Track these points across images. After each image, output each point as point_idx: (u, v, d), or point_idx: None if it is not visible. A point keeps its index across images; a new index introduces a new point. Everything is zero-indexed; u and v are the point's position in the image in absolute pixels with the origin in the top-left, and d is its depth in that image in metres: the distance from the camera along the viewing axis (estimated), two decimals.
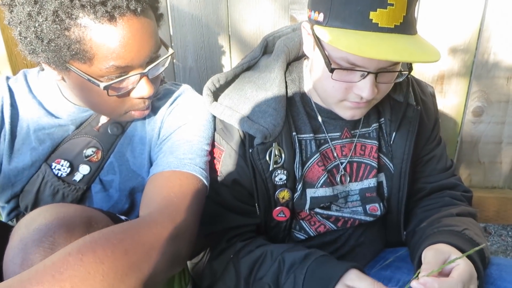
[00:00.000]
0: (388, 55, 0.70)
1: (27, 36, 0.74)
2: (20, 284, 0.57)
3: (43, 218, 0.67)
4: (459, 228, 0.84)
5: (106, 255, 0.62)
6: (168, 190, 0.79)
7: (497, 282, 0.79)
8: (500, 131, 1.35)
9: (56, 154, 0.92)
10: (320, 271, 0.78)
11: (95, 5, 0.70)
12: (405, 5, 0.73)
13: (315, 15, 0.80)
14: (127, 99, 0.83)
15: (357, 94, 0.82)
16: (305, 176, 0.96)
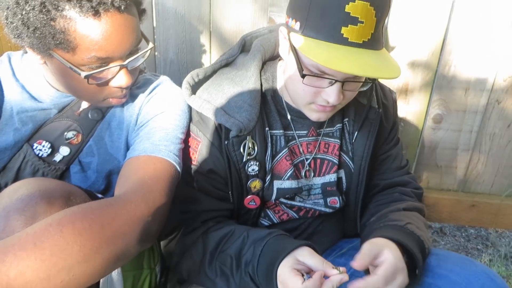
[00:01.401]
0: (353, 70, 0.78)
1: (14, 22, 0.78)
2: (4, 249, 0.62)
3: (25, 189, 0.72)
4: (402, 222, 0.92)
5: (84, 228, 0.68)
6: (143, 173, 0.85)
7: (435, 269, 0.88)
8: (457, 138, 1.45)
9: (38, 135, 0.95)
10: (276, 244, 0.84)
11: (81, 1, 0.75)
12: (374, 24, 0.81)
13: (292, 22, 0.87)
14: (106, 88, 0.88)
15: (324, 99, 0.89)
16: (273, 169, 1.03)
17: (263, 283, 0.82)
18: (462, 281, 0.83)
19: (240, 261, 0.88)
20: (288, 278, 0.76)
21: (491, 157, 1.46)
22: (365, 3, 0.78)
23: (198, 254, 0.96)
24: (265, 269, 0.82)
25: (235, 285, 0.89)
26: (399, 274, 0.80)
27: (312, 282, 0.73)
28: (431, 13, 1.27)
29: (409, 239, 0.87)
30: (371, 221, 1.01)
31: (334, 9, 0.79)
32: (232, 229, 0.95)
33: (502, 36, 1.29)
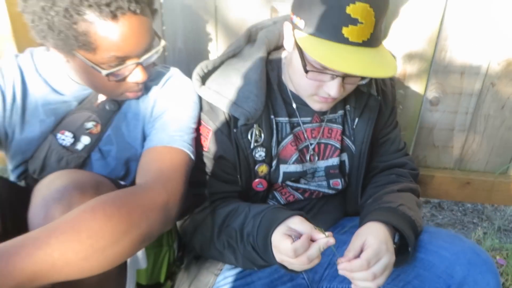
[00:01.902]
0: (352, 70, 0.83)
1: (40, 25, 0.84)
2: (47, 233, 0.71)
3: (61, 181, 0.80)
4: (395, 204, 0.99)
5: (113, 214, 0.76)
6: (161, 163, 0.93)
7: (427, 245, 0.96)
8: (453, 119, 1.51)
9: (61, 126, 1.03)
10: (271, 215, 0.91)
11: (100, 5, 0.81)
12: (373, 24, 0.86)
13: (296, 19, 0.92)
14: (123, 83, 0.95)
15: (326, 91, 0.95)
16: (279, 154, 1.11)
17: (262, 250, 0.90)
18: (451, 256, 0.92)
19: (243, 233, 0.95)
20: (280, 242, 0.83)
21: (485, 137, 1.53)
22: (365, 4, 0.84)
23: (207, 229, 1.04)
24: (262, 238, 0.89)
25: (240, 255, 0.98)
26: (384, 255, 0.87)
27: (300, 243, 0.79)
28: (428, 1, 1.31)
29: (400, 220, 0.95)
30: (368, 202, 1.09)
31: (335, 10, 0.84)
32: (236, 206, 1.03)
33: (496, 22, 1.33)
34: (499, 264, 1.58)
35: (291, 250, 0.78)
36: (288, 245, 0.79)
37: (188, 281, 1.17)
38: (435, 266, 0.94)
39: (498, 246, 1.66)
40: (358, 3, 0.84)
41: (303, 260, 0.78)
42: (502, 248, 1.64)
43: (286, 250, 0.79)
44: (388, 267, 0.88)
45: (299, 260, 0.78)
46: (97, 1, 0.80)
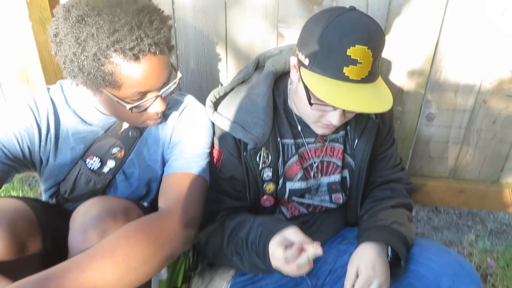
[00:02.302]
0: (352, 107, 0.94)
1: (71, 67, 0.93)
2: (89, 258, 0.83)
3: (96, 209, 0.92)
4: (388, 222, 1.11)
5: (143, 239, 0.88)
6: (181, 189, 1.04)
7: (417, 258, 1.08)
8: (447, 133, 1.61)
9: (89, 152, 1.14)
10: (271, 226, 1.02)
11: (124, 50, 0.90)
12: (371, 64, 0.96)
13: (302, 57, 1.02)
14: (145, 113, 1.04)
15: (328, 120, 1.06)
16: (285, 172, 1.22)
17: (262, 257, 1.01)
18: (438, 268, 1.04)
19: (248, 242, 1.07)
20: (274, 250, 0.95)
21: (478, 149, 1.63)
22: (364, 47, 0.94)
23: (218, 239, 1.15)
24: (262, 246, 1.01)
25: (246, 261, 1.09)
26: (374, 280, 1.01)
27: (291, 252, 0.91)
28: (424, 25, 1.41)
29: (393, 237, 1.06)
30: (364, 218, 1.20)
31: (337, 52, 0.94)
32: (243, 218, 1.14)
33: (488, 45, 1.43)
34: (489, 265, 1.69)
35: (282, 259, 0.90)
36: (280, 253, 0.91)
37: (202, 286, 1.29)
38: (424, 277, 1.06)
39: (490, 249, 1.77)
40: (357, 46, 0.94)
41: (293, 267, 0.90)
42: (493, 251, 1.75)
43: (278, 258, 0.92)
44: (382, 285, 1.01)
45: (289, 267, 0.91)
46: (122, 46, 0.89)
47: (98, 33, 0.87)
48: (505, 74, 1.47)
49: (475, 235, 1.83)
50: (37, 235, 0.99)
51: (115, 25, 0.87)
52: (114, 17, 0.88)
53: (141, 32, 0.89)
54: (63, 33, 0.89)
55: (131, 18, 0.89)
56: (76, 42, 0.88)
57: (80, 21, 0.88)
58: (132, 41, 0.89)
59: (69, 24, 0.88)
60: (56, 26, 0.92)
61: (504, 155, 1.64)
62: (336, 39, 0.94)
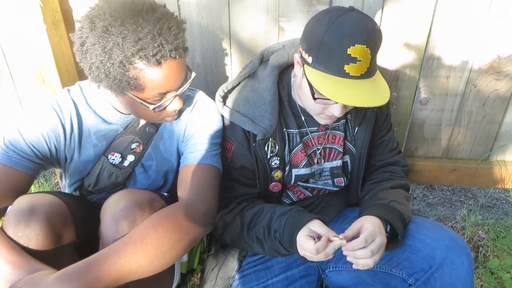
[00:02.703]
0: (352, 102, 1.03)
1: (97, 72, 1.01)
2: (124, 246, 0.93)
3: (124, 201, 1.02)
4: (387, 200, 1.20)
5: (169, 227, 0.98)
6: (197, 179, 1.13)
7: (414, 234, 1.19)
8: (440, 116, 1.71)
9: (111, 148, 1.23)
10: (296, 217, 1.13)
11: (148, 56, 0.98)
12: (369, 61, 1.04)
13: (305, 55, 1.10)
14: (164, 111, 1.13)
15: (331, 112, 1.15)
16: (291, 160, 1.32)
17: (287, 245, 1.12)
18: (433, 242, 1.15)
19: (270, 230, 1.17)
20: (304, 242, 1.06)
21: (469, 130, 1.74)
22: (363, 46, 1.02)
23: (237, 227, 1.26)
24: (288, 236, 1.11)
25: (268, 246, 1.20)
26: (378, 236, 1.08)
27: (320, 243, 1.02)
28: (417, 15, 1.49)
29: (391, 214, 1.16)
30: (365, 199, 1.31)
31: (339, 52, 1.03)
32: (262, 207, 1.24)
33: (477, 33, 1.51)
34: (481, 237, 1.82)
35: (314, 249, 1.01)
36: (311, 245, 1.02)
37: (217, 266, 1.40)
38: (420, 250, 1.17)
39: (481, 222, 1.90)
40: (357, 45, 1.02)
41: (321, 256, 1.02)
42: (484, 224, 1.88)
43: (309, 249, 1.02)
44: (382, 246, 1.09)
45: (318, 256, 1.02)
46: (146, 53, 0.97)
47: (124, 42, 0.95)
48: (493, 59, 1.56)
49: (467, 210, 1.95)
50: (70, 226, 1.09)
51: (139, 34, 0.95)
52: (137, 26, 0.96)
53: (162, 39, 0.97)
54: (90, 43, 0.97)
55: (153, 27, 0.97)
56: (103, 51, 0.96)
57: (106, 31, 0.95)
58: (155, 48, 0.97)
59: (95, 35, 0.96)
60: (80, 36, 0.99)
61: (493, 135, 1.75)
62: (337, 39, 1.02)
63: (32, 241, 0.99)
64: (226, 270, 1.38)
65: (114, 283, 0.91)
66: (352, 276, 1.33)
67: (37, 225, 1.00)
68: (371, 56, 1.05)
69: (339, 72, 1.05)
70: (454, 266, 1.12)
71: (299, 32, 1.49)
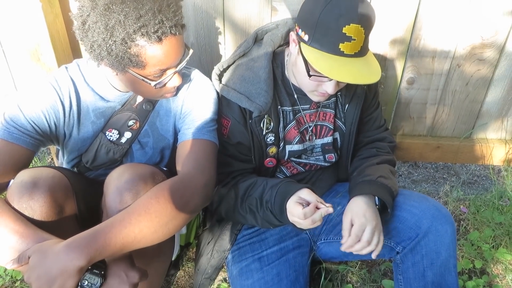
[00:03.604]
0: (346, 79, 1.08)
1: (98, 50, 1.02)
2: (128, 216, 0.97)
3: (128, 174, 1.05)
4: (375, 176, 1.27)
5: (170, 197, 1.02)
6: (196, 154, 1.17)
7: (401, 205, 1.26)
8: (425, 95, 1.77)
9: (108, 125, 1.25)
10: (286, 187, 1.17)
11: (149, 33, 1.00)
12: (363, 40, 1.09)
13: (301, 33, 1.14)
14: (164, 88, 1.15)
15: (324, 89, 1.20)
16: (285, 136, 1.36)
17: (278, 213, 1.17)
18: (419, 213, 1.22)
19: (262, 201, 1.22)
20: (293, 208, 1.10)
21: (452, 108, 1.81)
22: (357, 25, 1.06)
23: (231, 199, 1.31)
24: (278, 205, 1.16)
25: (260, 217, 1.25)
26: (367, 225, 1.17)
27: (308, 209, 1.06)
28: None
29: (379, 189, 1.23)
30: (354, 175, 1.37)
31: (334, 30, 1.07)
32: (255, 180, 1.29)
33: (461, 14, 1.57)
34: (462, 212, 1.91)
35: (302, 214, 1.06)
36: (299, 210, 1.07)
37: (213, 240, 1.46)
38: (407, 220, 1.24)
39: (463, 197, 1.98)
40: (352, 24, 1.06)
41: (309, 222, 1.06)
42: (465, 199, 1.97)
43: (298, 213, 1.07)
44: (375, 229, 1.17)
45: (306, 221, 1.06)
46: (147, 30, 1.00)
47: (126, 20, 0.97)
48: (477, 41, 1.63)
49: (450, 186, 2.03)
50: (72, 198, 1.12)
51: (140, 11, 0.97)
52: (138, 4, 0.98)
53: (162, 15, 1.00)
54: (92, 21, 0.99)
55: (153, 4, 0.99)
56: (105, 29, 0.98)
57: (107, 9, 0.97)
58: (156, 25, 0.99)
59: (97, 13, 0.97)
60: (81, 14, 1.01)
61: (475, 113, 1.83)
62: (333, 18, 1.06)
63: (37, 212, 1.02)
64: (221, 243, 1.44)
65: (120, 251, 0.96)
66: None
67: (40, 197, 1.03)
68: (365, 36, 1.09)
69: (334, 50, 1.09)
70: (439, 234, 1.19)
71: (292, 12, 1.54)
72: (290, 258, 1.38)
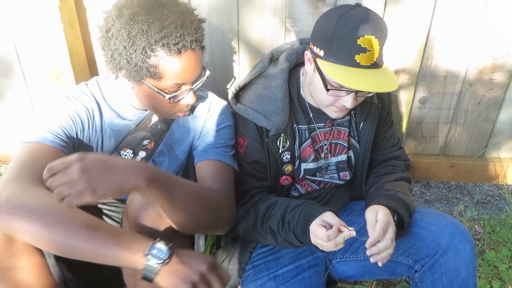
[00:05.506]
0: (365, 88, 1.09)
1: (118, 59, 1.05)
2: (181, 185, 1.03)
3: None
4: (393, 191, 1.26)
5: (208, 201, 1.09)
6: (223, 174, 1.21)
7: (419, 222, 1.25)
8: (438, 114, 1.79)
9: (123, 144, 1.26)
10: (309, 209, 1.18)
11: (169, 45, 1.03)
12: (378, 50, 1.11)
13: (317, 50, 1.17)
14: (177, 104, 1.17)
15: (342, 104, 1.21)
16: (300, 155, 1.38)
17: (301, 235, 1.17)
18: (437, 230, 1.21)
19: (284, 222, 1.22)
20: (317, 230, 1.10)
21: (465, 128, 1.82)
22: (371, 37, 1.09)
23: (251, 219, 1.30)
24: (301, 226, 1.16)
25: (281, 238, 1.25)
26: (390, 226, 1.14)
27: (332, 231, 1.07)
28: (417, 17, 1.57)
29: (397, 204, 1.22)
30: (371, 191, 1.36)
31: (349, 43, 1.10)
32: (275, 200, 1.30)
33: (473, 34, 1.60)
34: (477, 232, 1.89)
35: (325, 236, 1.06)
36: (323, 232, 1.07)
37: (227, 258, 1.45)
38: (425, 237, 1.23)
39: (477, 217, 1.97)
40: (366, 36, 1.09)
41: (332, 244, 1.06)
42: (480, 219, 1.95)
43: (322, 236, 1.07)
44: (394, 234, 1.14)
45: (329, 244, 1.06)
46: (168, 41, 1.03)
47: (149, 29, 1.01)
48: (488, 61, 1.65)
49: (464, 206, 2.02)
50: None
51: (163, 23, 1.01)
52: (162, 16, 1.02)
53: (184, 30, 1.03)
54: (116, 29, 1.02)
55: (176, 18, 1.03)
56: (127, 37, 1.01)
57: (132, 19, 1.01)
58: (177, 38, 1.03)
59: (122, 22, 1.01)
60: (107, 23, 1.05)
61: (488, 133, 1.83)
62: (347, 31, 1.09)
63: None
64: (236, 261, 1.43)
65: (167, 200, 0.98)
66: (358, 265, 1.38)
67: None
68: (379, 47, 1.12)
69: (350, 62, 1.11)
70: (458, 252, 1.18)
71: (305, 33, 1.58)
72: (306, 277, 1.37)
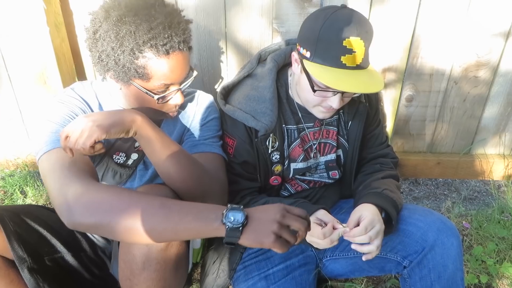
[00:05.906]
0: (351, 89, 1.11)
1: (106, 61, 1.05)
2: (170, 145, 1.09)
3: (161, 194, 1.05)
4: (380, 189, 1.28)
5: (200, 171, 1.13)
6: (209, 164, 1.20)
7: (407, 219, 1.26)
8: (424, 112, 1.81)
9: (115, 148, 1.25)
10: (303, 207, 1.18)
11: (158, 46, 1.03)
12: (363, 52, 1.12)
13: (303, 51, 1.18)
14: (165, 105, 1.17)
15: (329, 104, 1.22)
16: (289, 154, 1.38)
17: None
18: (424, 226, 1.23)
19: None
20: (312, 228, 1.10)
21: (451, 125, 1.84)
22: (357, 38, 1.10)
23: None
24: None
25: None
26: (376, 224, 1.15)
27: (327, 228, 1.09)
28: (402, 17, 1.59)
29: (385, 202, 1.23)
30: (359, 189, 1.38)
31: (335, 44, 1.11)
32: (267, 200, 1.30)
33: (457, 32, 1.62)
34: (465, 227, 1.92)
35: (321, 234, 1.07)
36: (319, 230, 1.09)
37: (218, 259, 1.45)
38: (413, 234, 1.25)
39: (464, 213, 1.99)
40: (351, 37, 1.10)
41: (327, 241, 1.08)
42: (467, 214, 1.98)
43: (317, 233, 1.08)
44: (380, 233, 1.16)
45: (325, 241, 1.08)
46: (156, 42, 1.03)
47: (137, 30, 1.01)
48: (472, 58, 1.68)
49: (451, 202, 2.04)
50: None
51: (151, 24, 1.01)
52: (150, 17, 1.02)
53: (172, 31, 1.04)
54: (103, 30, 1.02)
55: (164, 19, 1.03)
56: (115, 38, 1.01)
57: (120, 20, 1.01)
58: (165, 39, 1.03)
59: (110, 23, 1.01)
60: (94, 25, 1.05)
61: (473, 129, 1.86)
62: (333, 33, 1.10)
63: None
64: (227, 262, 1.43)
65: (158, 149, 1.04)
66: (348, 263, 1.40)
67: None
68: (365, 48, 1.13)
69: (336, 63, 1.12)
70: (445, 247, 1.20)
71: (292, 33, 1.59)
72: (297, 276, 1.38)
